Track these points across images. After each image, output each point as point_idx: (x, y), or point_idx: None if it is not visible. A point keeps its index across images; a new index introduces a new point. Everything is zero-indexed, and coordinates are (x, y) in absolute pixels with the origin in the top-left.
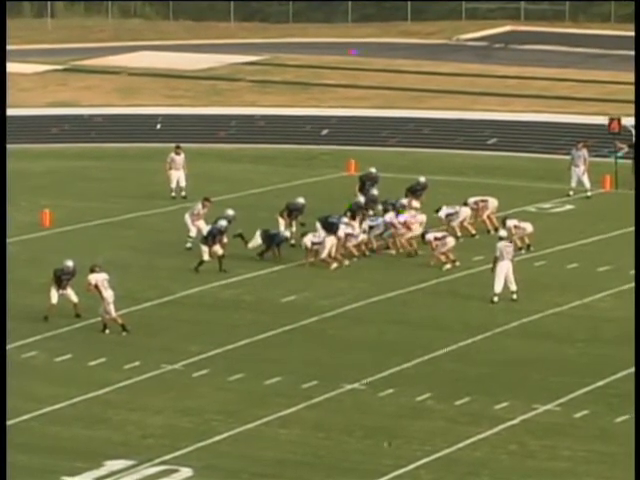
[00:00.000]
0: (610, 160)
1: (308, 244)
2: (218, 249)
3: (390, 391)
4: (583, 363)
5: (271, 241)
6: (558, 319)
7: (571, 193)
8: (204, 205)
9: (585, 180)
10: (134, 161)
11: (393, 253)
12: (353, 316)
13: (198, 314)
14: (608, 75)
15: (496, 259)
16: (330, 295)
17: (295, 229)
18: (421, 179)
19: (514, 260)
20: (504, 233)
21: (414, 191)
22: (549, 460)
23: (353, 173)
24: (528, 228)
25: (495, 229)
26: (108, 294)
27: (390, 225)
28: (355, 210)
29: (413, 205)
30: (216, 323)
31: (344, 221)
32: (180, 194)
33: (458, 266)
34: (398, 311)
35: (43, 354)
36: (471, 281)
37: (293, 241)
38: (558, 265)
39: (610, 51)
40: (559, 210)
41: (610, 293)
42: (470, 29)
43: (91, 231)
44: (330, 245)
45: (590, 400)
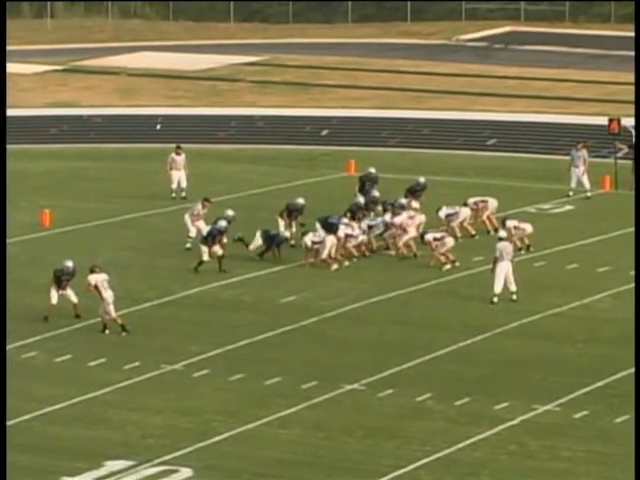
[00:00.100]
0: (610, 161)
1: (308, 243)
2: (218, 249)
3: (390, 391)
4: (583, 363)
5: (271, 241)
6: (558, 319)
7: (571, 194)
8: (204, 205)
9: (585, 181)
10: (134, 162)
11: (393, 254)
12: (353, 316)
13: (198, 314)
14: (608, 76)
15: (496, 260)
16: (330, 295)
17: (295, 230)
18: (421, 179)
19: (514, 261)
20: (504, 234)
21: (414, 192)
22: (549, 460)
23: (353, 174)
24: (528, 229)
25: (495, 230)
26: (108, 294)
27: (389, 225)
28: (355, 211)
29: (413, 206)
30: (216, 323)
31: (344, 222)
32: (180, 194)
33: (458, 266)
34: (398, 311)
35: (43, 354)
36: (471, 281)
37: (293, 242)
38: (558, 266)
39: (610, 52)
40: (559, 211)
41: (610, 294)
42: (470, 29)
43: (91, 231)
44: (330, 245)
45: (590, 400)
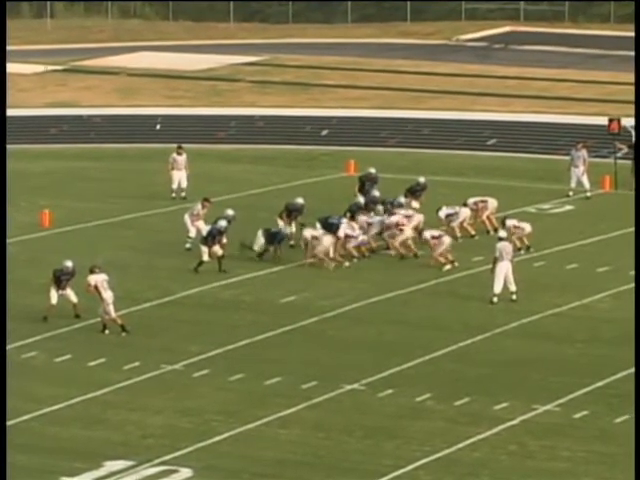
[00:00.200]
0: (609, 161)
1: (308, 236)
2: (218, 249)
3: (390, 391)
4: (583, 363)
5: (273, 239)
6: (557, 320)
7: (571, 194)
8: (204, 206)
9: (584, 181)
10: (133, 162)
11: (393, 254)
12: (353, 316)
13: (198, 314)
14: (608, 76)
15: (496, 260)
16: (330, 296)
17: (294, 230)
18: (420, 179)
19: (513, 261)
20: (504, 234)
21: (414, 192)
22: (549, 460)
23: (352, 174)
24: (527, 228)
25: (495, 230)
26: (108, 295)
27: (386, 226)
28: (355, 211)
29: (413, 205)
30: (216, 323)
31: (344, 222)
32: (180, 195)
33: (457, 266)
34: (398, 311)
35: (43, 354)
36: (471, 281)
37: (292, 242)
38: (557, 266)
39: (610, 52)
40: (558, 211)
41: (609, 294)
42: (469, 29)
43: (90, 231)
44: (328, 243)
45: (590, 400)
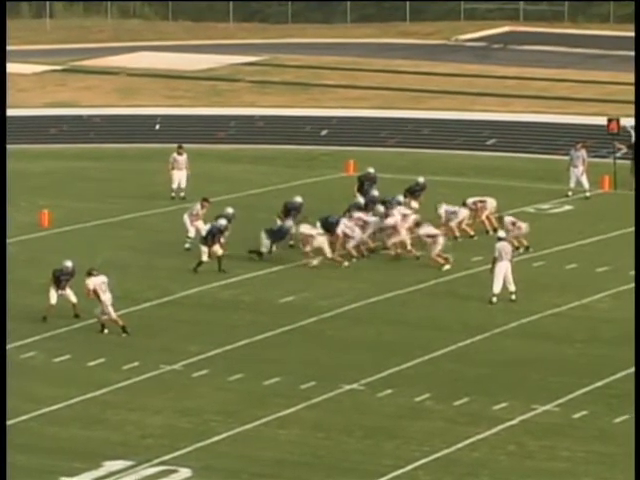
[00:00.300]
0: (609, 161)
1: (305, 232)
2: (218, 249)
3: (389, 391)
4: (582, 363)
5: (277, 236)
6: (557, 319)
7: (570, 194)
8: (203, 206)
9: (584, 181)
10: (133, 162)
11: (392, 254)
12: (352, 316)
13: (197, 314)
14: (607, 76)
15: (495, 260)
16: (329, 296)
17: (294, 229)
18: (420, 179)
19: (513, 261)
20: (503, 234)
21: (413, 192)
22: (548, 460)
23: (352, 174)
24: (524, 228)
25: (494, 230)
26: (106, 297)
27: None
28: (354, 211)
29: (412, 206)
30: (215, 323)
31: (344, 222)
32: (179, 195)
33: (451, 261)
34: (397, 311)
35: (42, 354)
36: (470, 282)
37: (292, 242)
38: (557, 266)
39: (609, 52)
40: (558, 211)
41: (609, 294)
42: (469, 29)
43: (90, 231)
44: (320, 242)
45: (589, 400)
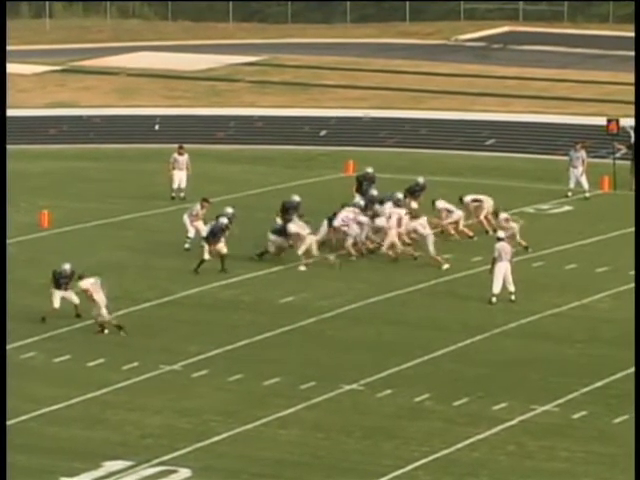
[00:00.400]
0: (608, 161)
1: (292, 230)
2: (222, 247)
3: (389, 392)
4: (582, 364)
5: (283, 233)
6: (557, 320)
7: (569, 194)
8: (202, 206)
9: (583, 181)
10: (133, 162)
11: (391, 254)
12: (352, 317)
13: (197, 315)
14: (607, 76)
15: (495, 260)
16: (328, 296)
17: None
18: (420, 180)
19: (512, 261)
20: (502, 234)
21: (413, 192)
22: (547, 461)
23: (351, 174)
24: (514, 227)
25: (493, 230)
26: (99, 297)
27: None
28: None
29: (412, 206)
30: (215, 324)
31: (342, 215)
32: (179, 195)
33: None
34: (396, 312)
35: (42, 355)
36: (470, 282)
37: (291, 242)
38: (557, 266)
39: (609, 52)
40: (557, 211)
41: (609, 294)
42: (468, 29)
43: (89, 232)
44: (309, 242)
45: (589, 401)
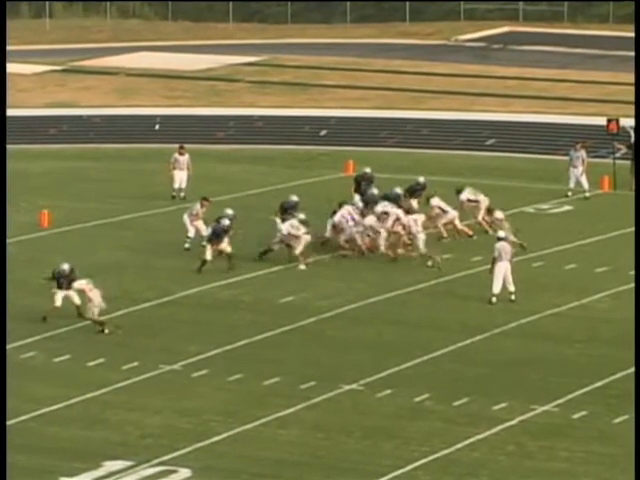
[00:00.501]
0: (608, 161)
1: (284, 231)
2: (225, 247)
3: (388, 392)
4: (581, 364)
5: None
6: (556, 320)
7: (569, 194)
8: (202, 205)
9: (583, 181)
10: (133, 162)
11: (390, 254)
12: (351, 317)
13: (197, 314)
14: (607, 76)
15: (495, 260)
16: (328, 296)
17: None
18: (420, 179)
19: (512, 261)
20: (503, 234)
21: (413, 191)
22: (547, 461)
23: (351, 174)
24: (505, 226)
25: (493, 230)
26: (95, 295)
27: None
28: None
29: (412, 205)
30: (215, 323)
31: (341, 212)
32: (179, 195)
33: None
34: (396, 312)
35: (42, 354)
36: (469, 282)
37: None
38: (556, 266)
39: (609, 52)
40: (557, 211)
41: (608, 294)
42: (468, 30)
43: (89, 232)
44: (305, 242)
45: (589, 401)
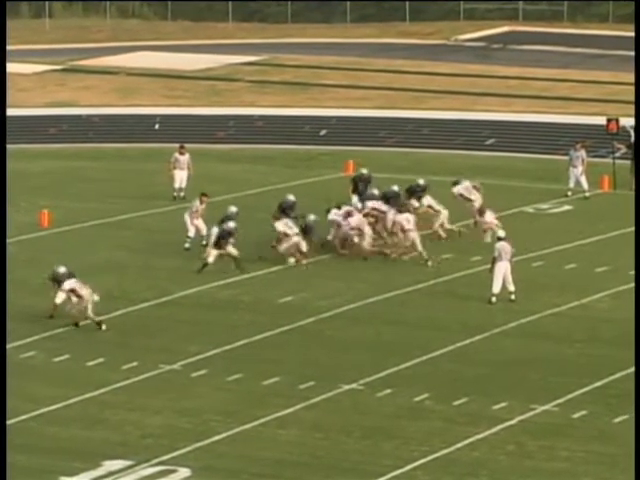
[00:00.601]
0: (608, 161)
1: (280, 229)
2: (232, 250)
3: (388, 391)
4: (581, 363)
5: (305, 233)
6: (556, 319)
7: (569, 194)
8: (202, 201)
9: (583, 181)
10: (132, 161)
11: (393, 256)
12: (351, 316)
13: (196, 314)
14: (608, 75)
15: (494, 259)
16: (327, 296)
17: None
18: (420, 181)
19: (512, 260)
20: (503, 233)
21: (413, 192)
22: (547, 461)
23: (351, 173)
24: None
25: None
26: (86, 293)
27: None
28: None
29: (413, 204)
30: (214, 323)
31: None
32: (180, 195)
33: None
34: (396, 311)
35: (41, 354)
36: (469, 281)
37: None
38: (556, 265)
39: (609, 51)
40: (557, 210)
41: (608, 294)
42: (468, 29)
43: (89, 231)
44: (293, 242)
45: (588, 400)
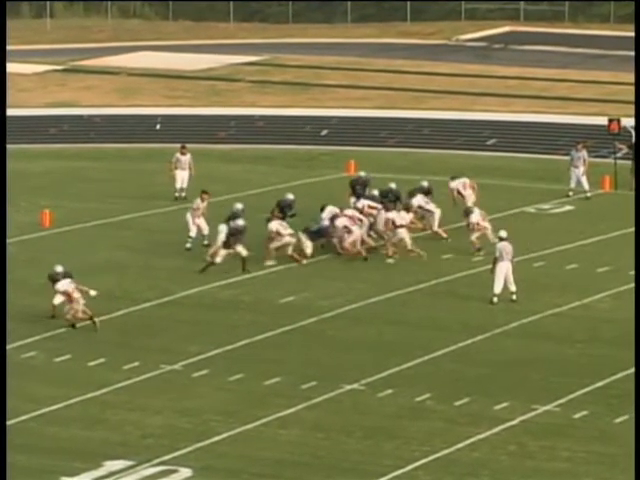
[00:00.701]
0: (609, 161)
1: (273, 229)
2: (242, 250)
3: (389, 391)
4: (582, 364)
5: (317, 235)
6: (558, 320)
7: (570, 194)
8: (202, 199)
9: (584, 181)
10: (133, 162)
11: (390, 254)
12: (352, 317)
13: (197, 314)
14: (608, 76)
15: (496, 260)
16: (329, 296)
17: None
18: (424, 183)
19: (514, 261)
20: (504, 234)
21: (413, 193)
22: (548, 461)
23: (353, 174)
24: (489, 227)
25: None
26: (77, 295)
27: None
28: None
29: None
30: (215, 323)
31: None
32: (181, 195)
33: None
34: (397, 311)
35: (42, 354)
36: (470, 282)
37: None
38: (557, 266)
39: (610, 52)
40: (558, 211)
41: (609, 294)
42: (469, 29)
43: (90, 232)
44: (285, 242)
45: (589, 401)
